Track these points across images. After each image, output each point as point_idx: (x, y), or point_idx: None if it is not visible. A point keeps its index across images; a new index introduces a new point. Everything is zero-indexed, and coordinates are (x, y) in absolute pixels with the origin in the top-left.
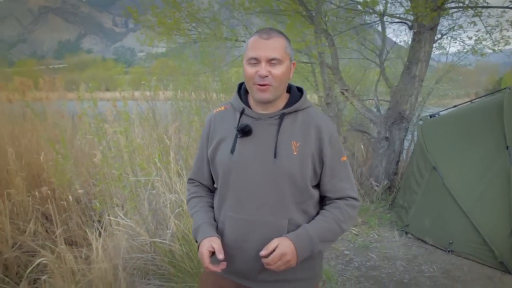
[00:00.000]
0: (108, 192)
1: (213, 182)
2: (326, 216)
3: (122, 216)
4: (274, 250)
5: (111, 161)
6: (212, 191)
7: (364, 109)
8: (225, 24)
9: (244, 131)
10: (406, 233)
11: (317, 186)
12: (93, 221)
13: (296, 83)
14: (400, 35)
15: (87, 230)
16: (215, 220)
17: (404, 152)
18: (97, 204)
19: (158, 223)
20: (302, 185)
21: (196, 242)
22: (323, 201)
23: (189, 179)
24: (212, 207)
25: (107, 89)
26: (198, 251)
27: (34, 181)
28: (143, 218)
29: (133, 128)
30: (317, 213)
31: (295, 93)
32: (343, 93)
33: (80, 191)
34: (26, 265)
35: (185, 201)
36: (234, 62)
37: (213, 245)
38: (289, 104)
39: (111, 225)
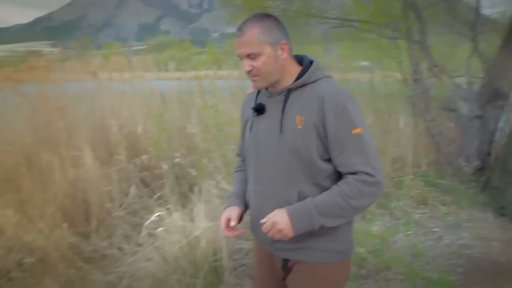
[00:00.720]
0: (199, 162)
1: None
2: (332, 191)
3: (219, 180)
4: None
5: (201, 134)
6: None
7: (454, 85)
8: (310, 1)
9: (257, 109)
10: (503, 215)
11: (331, 160)
12: (190, 188)
13: (379, 59)
14: (496, 6)
15: (188, 193)
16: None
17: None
18: (194, 171)
19: None
20: (308, 158)
21: None
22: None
23: (237, 153)
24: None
25: (185, 69)
26: None
27: (133, 151)
28: None
29: (223, 103)
30: None
31: (306, 67)
32: (430, 70)
33: (177, 159)
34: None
35: None
36: (316, 39)
37: (231, 213)
38: (297, 78)
39: (208, 191)
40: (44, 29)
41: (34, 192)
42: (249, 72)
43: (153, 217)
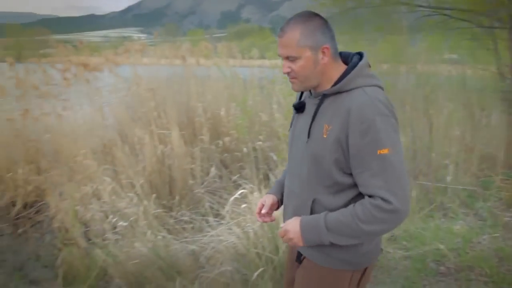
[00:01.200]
0: (278, 147)
1: None
2: (346, 210)
3: None
4: None
5: (281, 120)
6: None
7: None
8: None
9: (296, 108)
10: None
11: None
12: (270, 171)
13: (471, 50)
14: None
15: (270, 174)
16: None
17: None
18: (275, 156)
19: None
20: (326, 169)
21: None
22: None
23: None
24: None
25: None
26: None
27: (215, 133)
28: None
29: None
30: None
31: (347, 72)
32: None
33: (259, 143)
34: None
35: None
36: (401, 29)
37: (266, 200)
38: (336, 83)
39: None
40: (134, 16)
41: (127, 164)
42: (287, 73)
43: (237, 193)
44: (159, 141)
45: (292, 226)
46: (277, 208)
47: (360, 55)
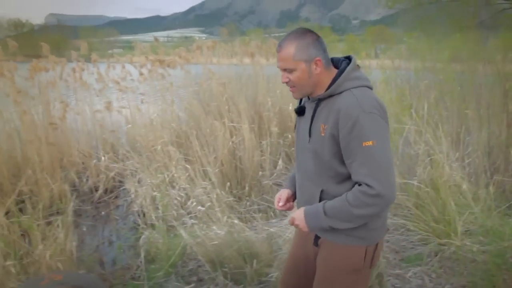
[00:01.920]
0: None
1: None
2: (341, 197)
3: None
4: None
5: None
6: None
7: None
8: None
9: (297, 112)
10: None
11: None
12: None
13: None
14: None
15: None
16: None
17: None
18: None
19: (409, 167)
20: (329, 163)
21: None
22: None
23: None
24: None
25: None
26: None
27: (283, 127)
28: (397, 160)
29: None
30: None
31: (336, 78)
32: None
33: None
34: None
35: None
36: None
37: (281, 194)
38: (328, 87)
39: None
40: (196, 17)
41: (200, 155)
42: (286, 83)
43: None
44: (230, 134)
45: (298, 214)
46: (293, 200)
47: (349, 59)
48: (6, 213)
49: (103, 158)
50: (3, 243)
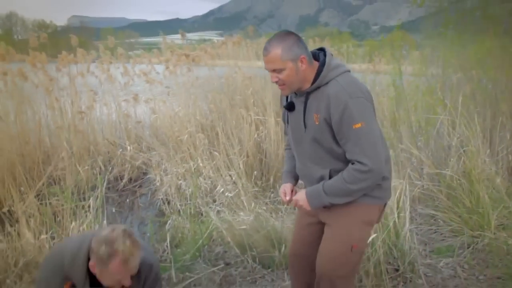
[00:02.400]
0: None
1: None
2: (338, 176)
3: (410, 146)
4: None
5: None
6: None
7: None
8: None
9: (287, 108)
10: None
11: None
12: None
13: None
14: None
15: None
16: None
17: None
18: None
19: (441, 158)
20: (328, 146)
21: None
22: None
23: (284, 132)
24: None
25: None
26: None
27: None
28: (430, 151)
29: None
30: None
31: (319, 70)
32: None
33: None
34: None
35: None
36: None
37: (285, 189)
38: (314, 81)
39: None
40: (215, 20)
41: (225, 146)
42: (276, 82)
43: None
44: (256, 127)
45: (300, 195)
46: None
47: (323, 50)
48: (37, 195)
49: (128, 147)
50: (34, 223)
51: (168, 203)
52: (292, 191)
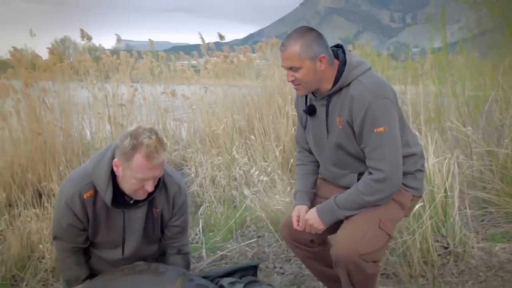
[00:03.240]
0: None
1: None
2: (352, 189)
3: (458, 124)
4: None
5: None
6: (311, 153)
7: None
8: None
9: (309, 112)
10: None
11: None
12: None
13: None
14: None
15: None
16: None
17: None
18: None
19: (495, 137)
20: (353, 150)
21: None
22: None
23: (296, 141)
24: (311, 173)
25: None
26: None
27: None
28: (480, 129)
29: None
30: None
31: (341, 70)
32: None
33: None
34: None
35: None
36: None
37: (299, 213)
38: (335, 81)
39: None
40: (254, 43)
41: (262, 138)
42: (292, 81)
43: None
44: (293, 123)
45: (310, 214)
46: None
47: (341, 47)
48: None
49: (165, 139)
50: None
51: (203, 194)
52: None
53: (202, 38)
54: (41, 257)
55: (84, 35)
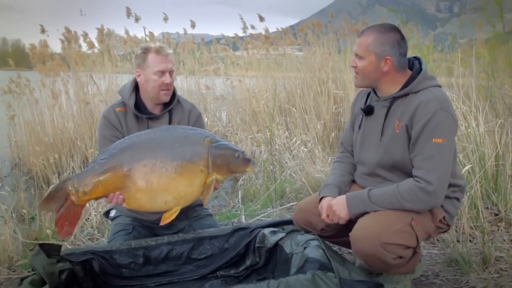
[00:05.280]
0: None
1: None
2: (391, 188)
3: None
4: None
5: None
6: (353, 156)
7: None
8: None
9: (366, 112)
10: None
11: None
12: None
13: None
14: None
15: None
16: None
17: None
18: None
19: None
20: (400, 157)
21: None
22: None
23: (340, 142)
24: (348, 172)
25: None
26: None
27: None
28: None
29: None
30: None
31: (413, 77)
32: None
33: None
34: None
35: None
36: None
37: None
38: (404, 86)
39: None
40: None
41: (303, 114)
42: (354, 67)
43: None
44: (334, 101)
45: (336, 201)
46: None
47: (418, 59)
48: None
49: (205, 118)
50: None
51: None
52: None
53: (243, 22)
54: (88, 215)
55: (129, 13)
